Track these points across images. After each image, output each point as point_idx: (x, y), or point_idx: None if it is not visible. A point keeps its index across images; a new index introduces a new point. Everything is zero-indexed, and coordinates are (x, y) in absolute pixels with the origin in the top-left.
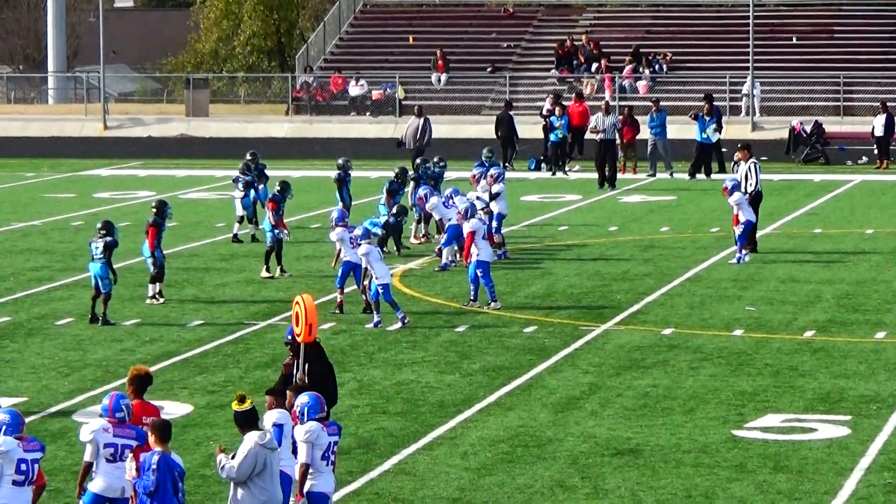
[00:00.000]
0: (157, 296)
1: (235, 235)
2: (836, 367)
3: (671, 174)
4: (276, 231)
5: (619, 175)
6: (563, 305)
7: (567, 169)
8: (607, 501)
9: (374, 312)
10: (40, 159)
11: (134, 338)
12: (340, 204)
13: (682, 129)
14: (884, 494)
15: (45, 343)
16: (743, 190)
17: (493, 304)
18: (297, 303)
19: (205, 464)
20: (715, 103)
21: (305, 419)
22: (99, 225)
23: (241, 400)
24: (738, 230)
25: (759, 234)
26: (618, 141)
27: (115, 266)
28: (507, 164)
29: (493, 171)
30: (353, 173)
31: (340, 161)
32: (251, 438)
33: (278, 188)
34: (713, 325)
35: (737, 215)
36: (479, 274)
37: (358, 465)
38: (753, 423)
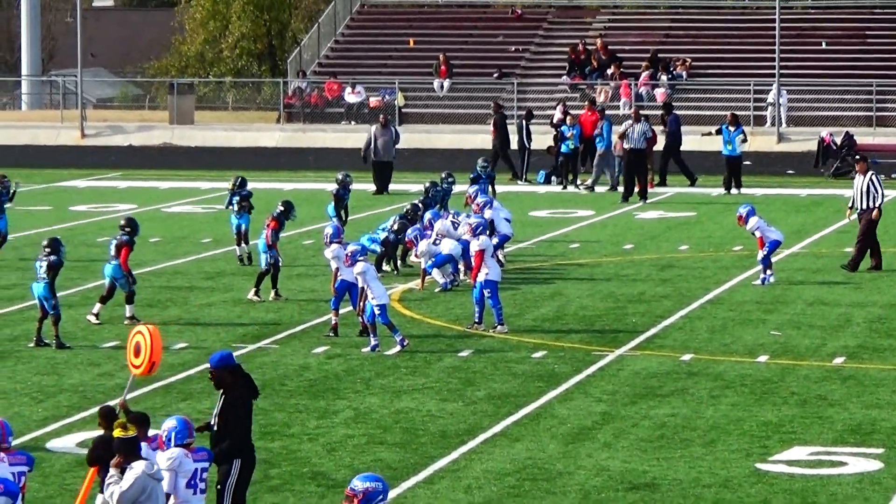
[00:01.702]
0: (131, 318)
1: (240, 258)
2: (867, 396)
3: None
4: (273, 252)
5: (670, 190)
6: (575, 329)
7: (579, 182)
8: None
9: (371, 335)
10: (12, 169)
11: (112, 361)
12: (335, 220)
13: (703, 141)
14: None
15: (17, 366)
16: (866, 206)
17: (499, 327)
18: (138, 332)
19: None
20: (736, 113)
21: (172, 444)
22: (45, 243)
23: (125, 427)
24: (762, 252)
25: (785, 253)
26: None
27: (94, 284)
28: (519, 178)
29: (479, 199)
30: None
31: (340, 176)
32: (139, 466)
33: (282, 208)
34: (735, 351)
35: (761, 238)
36: (486, 294)
37: None
38: (779, 456)
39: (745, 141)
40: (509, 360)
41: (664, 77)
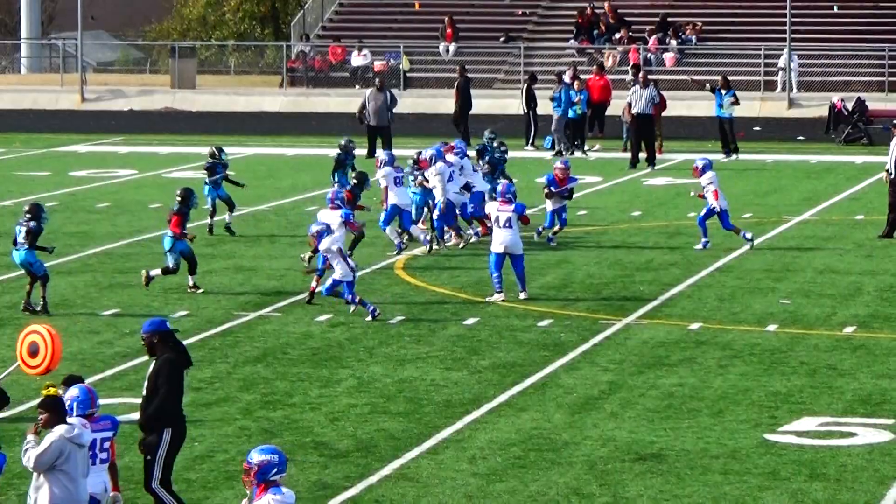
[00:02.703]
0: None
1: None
2: (878, 366)
3: (572, 152)
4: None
5: (678, 157)
6: (582, 297)
7: (586, 148)
8: None
9: (364, 305)
10: (12, 134)
11: (112, 329)
12: (336, 186)
13: (711, 105)
14: None
15: (15, 334)
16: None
17: (497, 295)
18: (35, 332)
19: (188, 467)
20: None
21: (74, 414)
22: (26, 208)
23: (56, 387)
24: (704, 212)
25: (795, 220)
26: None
27: (94, 250)
28: (526, 143)
29: (423, 153)
30: (355, 152)
31: (343, 141)
32: (58, 430)
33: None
34: (744, 320)
35: (716, 192)
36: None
37: (356, 470)
38: (788, 426)
39: (735, 103)
40: (515, 328)
41: (673, 42)
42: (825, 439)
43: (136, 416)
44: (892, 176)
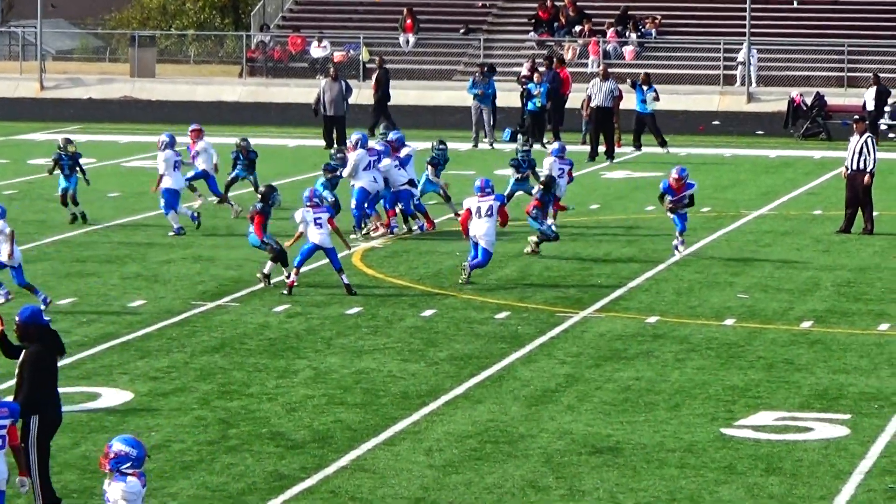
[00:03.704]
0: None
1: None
2: (834, 361)
3: (491, 144)
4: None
5: (635, 151)
6: (539, 290)
7: (545, 141)
8: None
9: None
10: None
11: (70, 318)
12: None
13: (671, 98)
14: (885, 500)
15: None
16: (856, 166)
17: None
18: None
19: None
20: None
21: None
22: None
23: None
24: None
25: (753, 214)
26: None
27: (52, 239)
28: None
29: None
30: (311, 142)
31: (239, 140)
32: None
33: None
34: (702, 314)
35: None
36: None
37: (312, 461)
38: (744, 420)
39: (656, 99)
40: (472, 320)
41: (633, 35)
42: (782, 434)
43: (91, 405)
44: (850, 171)
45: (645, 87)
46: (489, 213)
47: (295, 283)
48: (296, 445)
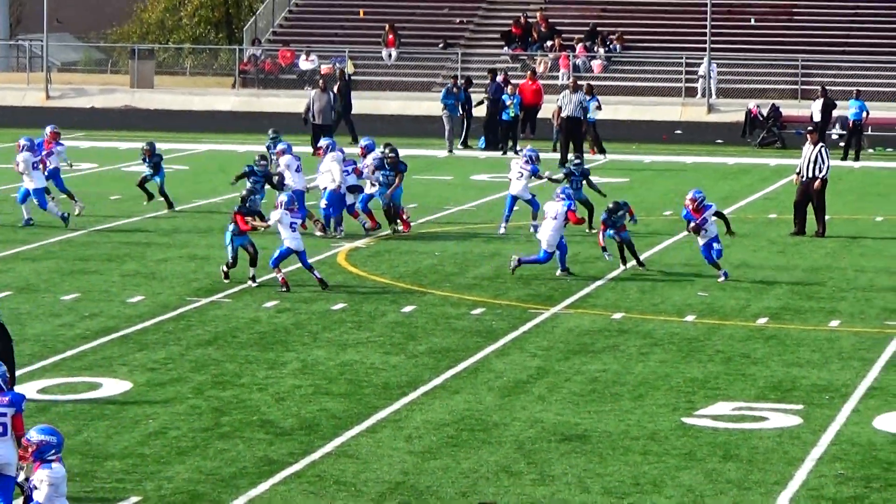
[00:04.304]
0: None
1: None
2: (788, 355)
3: (450, 150)
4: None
5: (602, 158)
6: (513, 288)
7: (518, 149)
8: (553, 488)
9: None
10: None
11: (73, 313)
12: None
13: (636, 109)
14: (835, 486)
15: None
16: (812, 174)
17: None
18: None
19: (142, 442)
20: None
21: None
22: None
23: None
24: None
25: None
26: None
27: (56, 238)
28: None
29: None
30: (301, 149)
31: (145, 145)
32: None
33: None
34: (664, 311)
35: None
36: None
37: (300, 447)
38: (704, 410)
39: (599, 108)
40: (450, 316)
41: (601, 50)
42: (739, 423)
43: (92, 394)
44: (805, 178)
45: (588, 97)
46: (555, 216)
47: (285, 279)
48: (284, 432)
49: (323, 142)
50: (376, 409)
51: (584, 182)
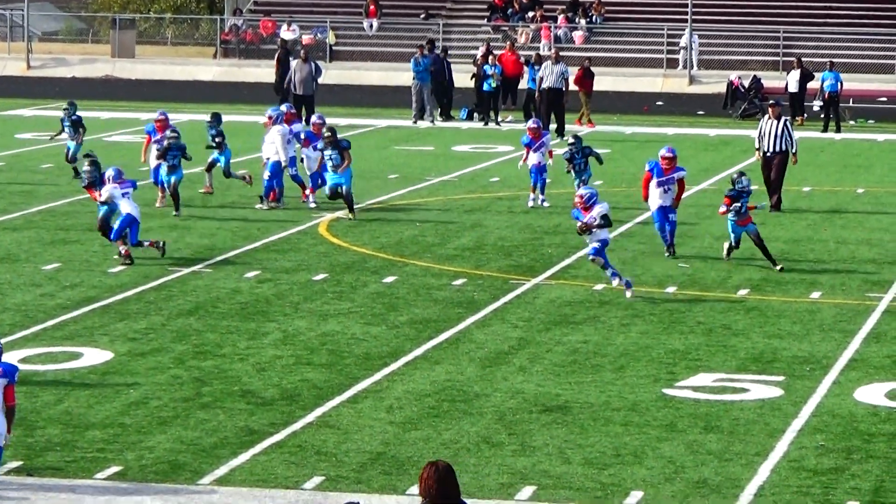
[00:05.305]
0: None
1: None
2: (769, 326)
3: (432, 121)
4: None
5: (585, 128)
6: (494, 258)
7: (500, 119)
8: (535, 459)
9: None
10: None
11: (54, 283)
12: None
13: (617, 80)
14: (815, 457)
15: None
16: (779, 149)
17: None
18: None
19: (124, 412)
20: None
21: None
22: None
23: None
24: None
25: (694, 189)
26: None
27: (38, 208)
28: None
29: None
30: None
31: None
32: None
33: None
34: (646, 282)
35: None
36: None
37: (281, 417)
38: (685, 381)
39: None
40: (431, 286)
41: (582, 21)
42: (720, 394)
43: (74, 364)
44: (768, 153)
45: (536, 67)
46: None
47: (130, 252)
48: (265, 402)
49: (271, 112)
50: (357, 379)
51: (588, 158)
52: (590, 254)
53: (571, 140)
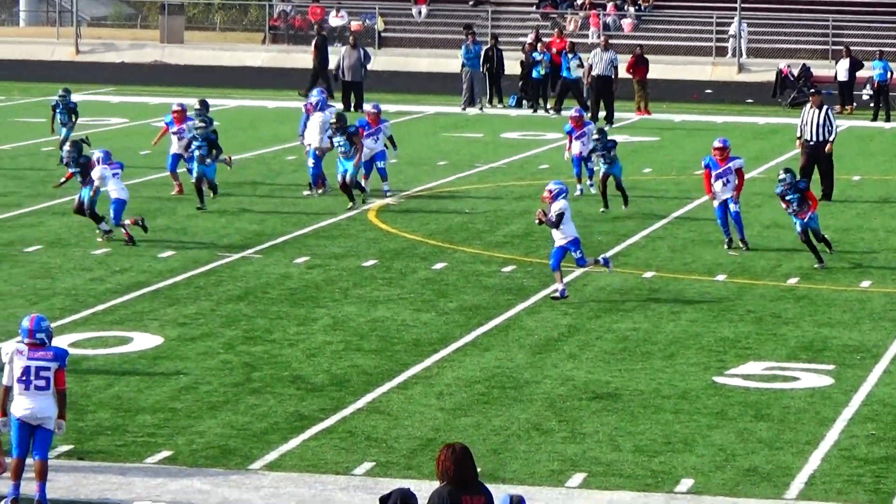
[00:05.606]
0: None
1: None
2: (819, 315)
3: (481, 108)
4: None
5: (635, 116)
6: (543, 245)
7: (549, 106)
8: (585, 446)
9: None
10: (10, 83)
11: (104, 267)
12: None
13: (666, 68)
14: (866, 446)
15: (12, 270)
16: (822, 138)
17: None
18: None
19: (174, 397)
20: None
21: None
22: None
23: None
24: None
25: (745, 177)
26: (613, 77)
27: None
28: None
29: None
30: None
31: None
32: None
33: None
34: (695, 270)
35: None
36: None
37: (331, 403)
38: (735, 370)
39: (580, 66)
40: (480, 273)
41: (631, 9)
42: (770, 382)
43: (124, 348)
44: (812, 142)
45: (570, 56)
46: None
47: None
48: (315, 388)
49: (314, 98)
50: (407, 365)
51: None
52: (580, 265)
53: (596, 136)
